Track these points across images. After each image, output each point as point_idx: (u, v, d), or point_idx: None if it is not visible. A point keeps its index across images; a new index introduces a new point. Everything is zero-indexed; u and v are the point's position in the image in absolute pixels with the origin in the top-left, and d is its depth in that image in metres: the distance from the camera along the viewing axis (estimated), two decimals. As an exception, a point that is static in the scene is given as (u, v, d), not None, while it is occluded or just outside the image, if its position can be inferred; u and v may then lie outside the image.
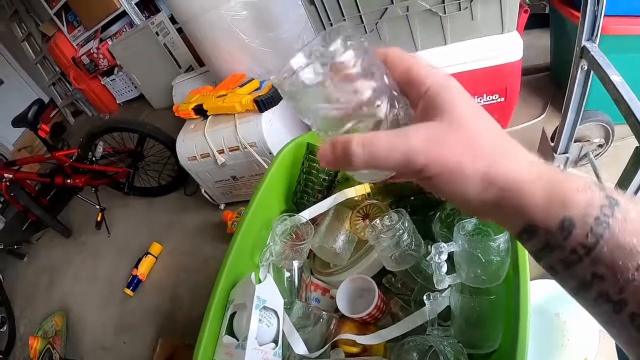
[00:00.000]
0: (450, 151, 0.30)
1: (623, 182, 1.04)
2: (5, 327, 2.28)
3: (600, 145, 1.46)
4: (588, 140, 1.43)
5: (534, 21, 1.82)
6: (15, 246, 2.89)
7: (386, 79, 0.33)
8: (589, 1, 0.99)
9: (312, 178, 1.04)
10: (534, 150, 1.46)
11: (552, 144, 1.40)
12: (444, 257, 0.74)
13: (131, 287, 2.08)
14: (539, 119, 1.78)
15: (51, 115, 4.45)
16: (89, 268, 2.47)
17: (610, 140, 1.43)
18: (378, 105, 0.33)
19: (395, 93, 0.34)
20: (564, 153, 1.39)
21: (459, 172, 0.30)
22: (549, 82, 1.94)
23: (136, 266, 2.14)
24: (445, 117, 0.31)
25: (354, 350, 0.87)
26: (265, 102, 1.63)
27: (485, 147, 0.31)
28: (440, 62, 1.40)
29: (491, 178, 0.30)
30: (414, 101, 0.34)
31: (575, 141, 1.36)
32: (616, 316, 0.27)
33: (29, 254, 2.89)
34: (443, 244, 0.75)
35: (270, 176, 1.05)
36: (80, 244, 2.69)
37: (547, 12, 2.05)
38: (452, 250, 0.74)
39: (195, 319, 1.76)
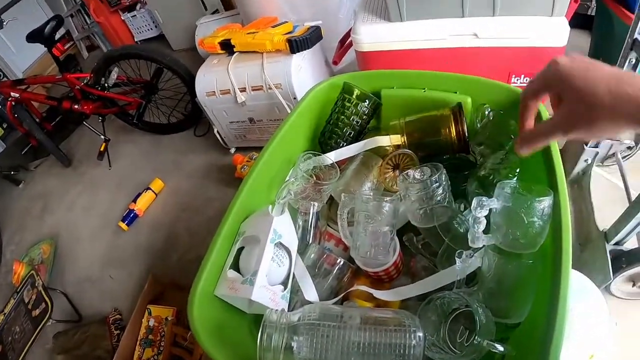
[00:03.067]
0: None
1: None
2: (-9, 253, 2.23)
3: (629, 147, 1.43)
4: (618, 140, 1.39)
5: (576, 21, 1.76)
6: (12, 172, 2.80)
7: None
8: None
9: (344, 118, 0.97)
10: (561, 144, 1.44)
11: (583, 137, 1.36)
12: (485, 212, 0.68)
13: (126, 222, 2.02)
14: (570, 113, 1.73)
15: (65, 47, 4.35)
16: (85, 199, 2.40)
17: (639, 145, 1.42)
18: None
19: None
20: (594, 147, 1.36)
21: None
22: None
23: (134, 200, 2.08)
24: None
25: (368, 305, 0.82)
26: (299, 43, 1.55)
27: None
28: (485, 33, 1.33)
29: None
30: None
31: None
32: None
33: (25, 181, 2.81)
34: (485, 197, 0.69)
35: (299, 110, 0.98)
36: (79, 175, 2.62)
37: (589, 13, 2.02)
38: (493, 206, 0.69)
39: (190, 262, 1.73)
